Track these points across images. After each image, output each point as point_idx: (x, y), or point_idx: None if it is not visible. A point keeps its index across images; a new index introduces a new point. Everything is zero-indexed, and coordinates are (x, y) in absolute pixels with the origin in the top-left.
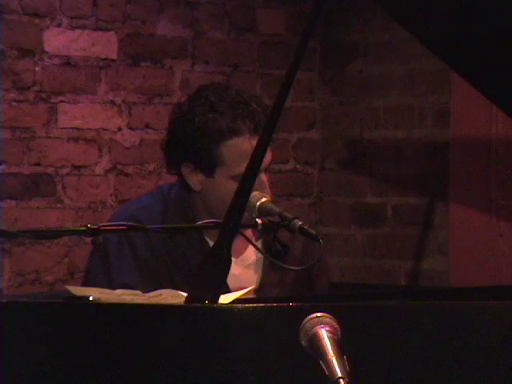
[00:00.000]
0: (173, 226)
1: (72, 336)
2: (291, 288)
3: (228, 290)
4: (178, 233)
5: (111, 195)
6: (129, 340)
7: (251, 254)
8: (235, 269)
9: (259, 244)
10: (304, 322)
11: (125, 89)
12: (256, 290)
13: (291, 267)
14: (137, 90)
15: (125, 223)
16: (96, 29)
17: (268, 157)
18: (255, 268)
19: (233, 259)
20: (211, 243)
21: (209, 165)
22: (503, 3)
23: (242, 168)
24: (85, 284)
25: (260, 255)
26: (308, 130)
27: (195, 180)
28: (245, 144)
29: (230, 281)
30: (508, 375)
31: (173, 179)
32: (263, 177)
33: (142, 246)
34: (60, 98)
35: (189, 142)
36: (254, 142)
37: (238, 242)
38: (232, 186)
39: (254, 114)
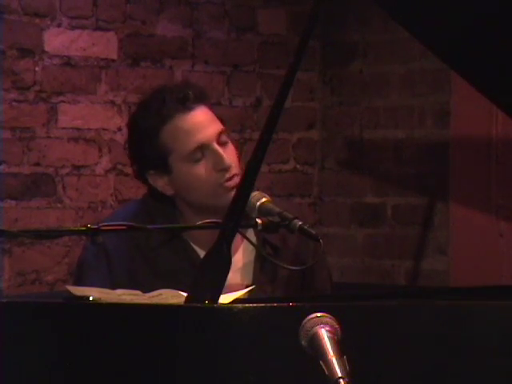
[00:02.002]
0: (173, 226)
1: (72, 336)
2: (283, 289)
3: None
4: (168, 237)
5: (111, 195)
6: (129, 340)
7: (239, 259)
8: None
9: (251, 247)
10: (304, 322)
11: (125, 89)
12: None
13: (291, 267)
14: (137, 90)
15: (125, 223)
16: (96, 29)
17: (213, 127)
18: (244, 273)
19: None
20: (197, 249)
21: (161, 162)
22: (503, 3)
23: (188, 146)
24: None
25: (249, 260)
26: (308, 129)
27: (163, 185)
28: (178, 123)
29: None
30: (508, 375)
31: None
32: (214, 147)
33: (120, 268)
34: (60, 98)
35: (137, 152)
36: (188, 117)
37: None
38: (191, 169)
39: (178, 93)
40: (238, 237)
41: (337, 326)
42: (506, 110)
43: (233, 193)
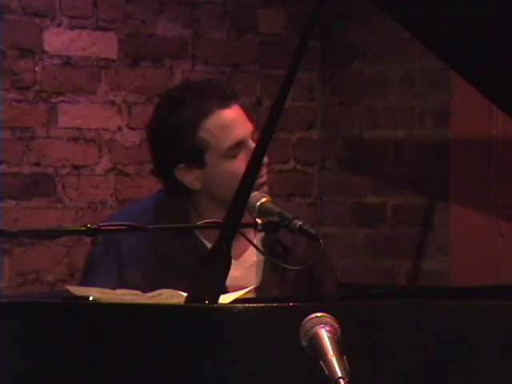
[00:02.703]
0: (173, 226)
1: (72, 336)
2: (292, 290)
3: (226, 292)
4: (178, 233)
5: (111, 195)
6: (129, 340)
7: (251, 256)
8: (235, 271)
9: (260, 245)
10: (304, 321)
11: (125, 89)
12: (256, 292)
13: (292, 267)
14: (137, 89)
15: (125, 223)
16: (96, 29)
17: (248, 125)
18: (255, 270)
19: (232, 261)
20: (208, 244)
21: (197, 156)
22: (503, 3)
23: (226, 142)
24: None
25: (260, 257)
26: (308, 130)
27: (192, 179)
28: (218, 118)
29: (229, 282)
30: (508, 375)
31: None
32: (250, 144)
33: (129, 258)
34: (60, 98)
35: (170, 145)
36: (227, 112)
37: (238, 243)
38: (227, 165)
39: (216, 89)
40: (247, 236)
41: (337, 326)
42: (506, 110)
43: (265, 188)
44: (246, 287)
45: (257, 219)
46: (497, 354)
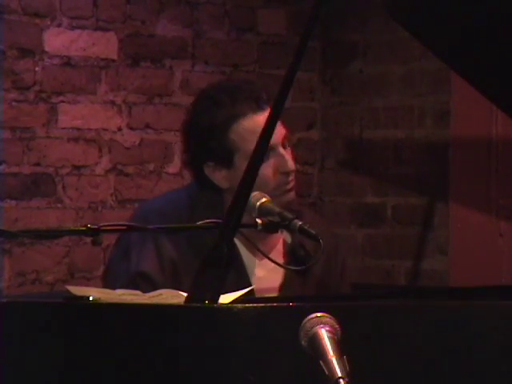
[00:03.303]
0: (173, 226)
1: (72, 336)
2: (314, 291)
3: (253, 292)
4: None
5: (111, 195)
6: (129, 340)
7: (275, 257)
8: (259, 271)
9: (286, 248)
10: (304, 321)
11: (125, 89)
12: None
13: (292, 267)
14: (137, 90)
15: (125, 223)
16: (96, 29)
17: (281, 131)
18: (279, 271)
19: (256, 262)
20: (238, 243)
21: (226, 157)
22: (503, 3)
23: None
24: (107, 271)
25: (284, 259)
26: (308, 129)
27: (220, 177)
28: (250, 123)
29: (255, 283)
30: (508, 375)
31: (172, 180)
32: (280, 150)
33: (164, 238)
34: (60, 98)
35: (201, 142)
36: (260, 117)
37: (262, 245)
38: None
39: (252, 93)
40: (272, 237)
41: (337, 326)
42: (506, 110)
43: (291, 194)
44: (271, 288)
45: (257, 219)
46: (497, 354)
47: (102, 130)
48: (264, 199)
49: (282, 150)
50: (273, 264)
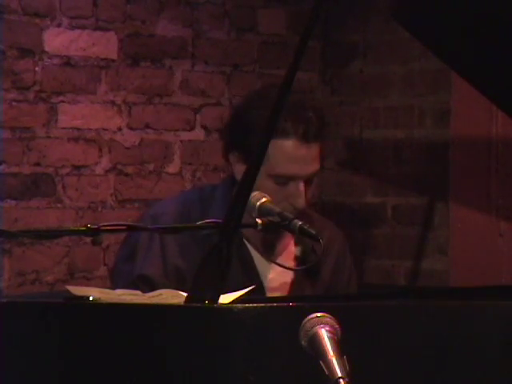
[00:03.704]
0: (173, 226)
1: (72, 336)
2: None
3: (264, 292)
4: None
5: (111, 195)
6: (129, 340)
7: (286, 260)
8: (271, 272)
9: (297, 251)
10: (304, 321)
11: (125, 89)
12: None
13: (293, 267)
14: (137, 89)
15: (125, 223)
16: (96, 29)
17: (313, 166)
18: (289, 273)
19: (267, 264)
20: (247, 244)
21: (251, 158)
22: (503, 3)
23: (282, 169)
24: (113, 270)
25: (294, 261)
26: None
27: (239, 170)
28: (289, 147)
29: (268, 284)
30: (508, 375)
31: (172, 180)
32: (300, 185)
33: (172, 244)
34: (60, 98)
35: (241, 132)
36: (302, 150)
37: (275, 246)
38: (271, 185)
39: (307, 121)
40: (284, 239)
41: (337, 326)
42: (506, 110)
43: (300, 201)
44: (283, 290)
45: (257, 219)
46: (497, 354)
47: (102, 129)
48: (264, 199)
49: (302, 186)
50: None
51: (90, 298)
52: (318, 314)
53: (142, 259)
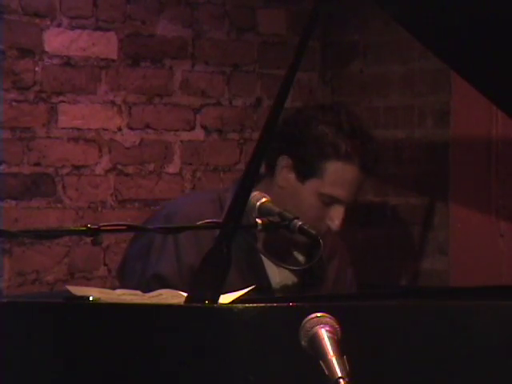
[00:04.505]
0: (173, 226)
1: (72, 336)
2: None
3: (273, 295)
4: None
5: (111, 195)
6: (129, 340)
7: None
8: (276, 277)
9: (300, 257)
10: (304, 321)
11: (125, 89)
12: None
13: (294, 267)
14: (137, 89)
15: (125, 223)
16: (96, 29)
17: (358, 193)
18: (295, 276)
19: (275, 268)
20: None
21: (308, 172)
22: (503, 3)
23: (333, 191)
24: (123, 268)
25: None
26: None
27: (285, 176)
28: (349, 172)
29: (275, 286)
30: (508, 375)
31: (172, 180)
32: (342, 209)
33: (187, 243)
34: (60, 98)
35: (302, 140)
36: (359, 178)
37: (281, 248)
38: (314, 201)
39: (367, 153)
40: (289, 242)
41: (337, 326)
42: (506, 109)
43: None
44: (290, 292)
45: (257, 219)
46: (497, 354)
47: (102, 129)
48: (264, 199)
49: (343, 209)
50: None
51: (90, 298)
52: (318, 314)
53: (156, 258)
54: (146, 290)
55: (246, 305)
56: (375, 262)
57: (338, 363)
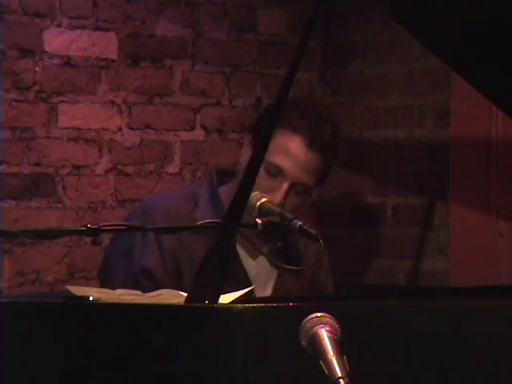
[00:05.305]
0: (173, 226)
1: (72, 336)
2: (307, 289)
3: (252, 289)
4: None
5: (111, 195)
6: (129, 340)
7: (265, 260)
8: (253, 269)
9: (279, 246)
10: (304, 321)
11: (125, 89)
12: (273, 290)
13: (290, 266)
14: (137, 90)
15: (125, 223)
16: (96, 29)
17: (306, 175)
18: (273, 271)
19: (251, 261)
20: (239, 249)
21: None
22: (503, 3)
23: (276, 159)
24: (106, 268)
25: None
26: None
27: (246, 152)
28: (292, 142)
29: (253, 281)
30: (508, 375)
31: (172, 180)
32: (284, 183)
33: (167, 236)
34: (60, 98)
35: (263, 116)
36: (302, 151)
37: (256, 243)
38: (262, 170)
39: (322, 131)
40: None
41: (337, 326)
42: (506, 110)
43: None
44: (267, 286)
45: (257, 219)
46: (497, 354)
47: (101, 129)
48: (264, 199)
49: (286, 185)
50: (266, 264)
51: (90, 298)
52: (318, 314)
53: (140, 253)
54: (134, 285)
55: (246, 305)
56: (375, 261)
57: (338, 363)
